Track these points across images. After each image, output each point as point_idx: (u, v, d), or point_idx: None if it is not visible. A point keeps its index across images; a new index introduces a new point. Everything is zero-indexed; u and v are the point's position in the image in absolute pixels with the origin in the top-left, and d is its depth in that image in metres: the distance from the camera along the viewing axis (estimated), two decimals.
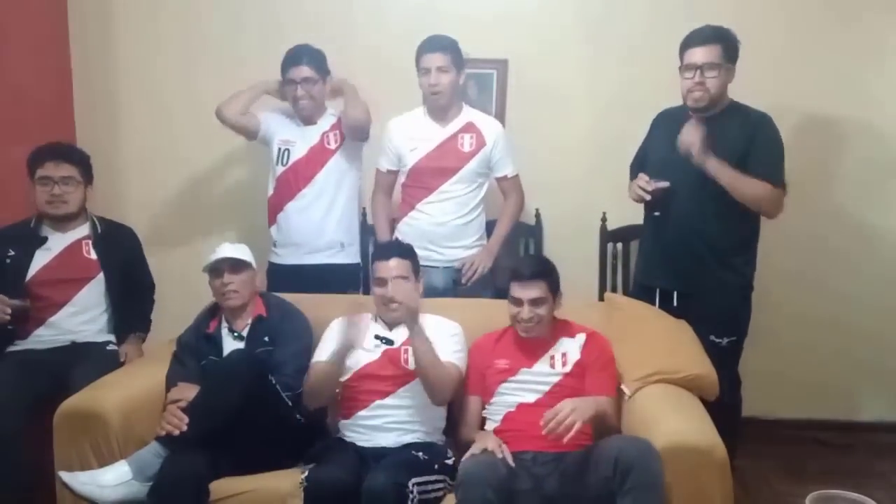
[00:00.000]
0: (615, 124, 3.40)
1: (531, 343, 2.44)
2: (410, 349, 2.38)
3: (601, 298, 3.06)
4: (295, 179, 3.00)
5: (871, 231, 3.43)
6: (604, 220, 3.41)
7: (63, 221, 2.76)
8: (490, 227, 3.07)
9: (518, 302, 2.40)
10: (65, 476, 2.18)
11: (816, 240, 3.40)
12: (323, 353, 2.42)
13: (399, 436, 2.37)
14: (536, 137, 3.35)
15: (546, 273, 2.44)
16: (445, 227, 2.94)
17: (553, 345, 2.44)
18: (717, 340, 2.68)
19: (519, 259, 2.53)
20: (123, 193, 3.54)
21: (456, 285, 2.96)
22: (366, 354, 2.44)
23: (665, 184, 2.63)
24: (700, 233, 2.66)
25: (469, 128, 2.95)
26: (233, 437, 2.24)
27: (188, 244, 3.51)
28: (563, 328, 2.49)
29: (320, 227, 3.01)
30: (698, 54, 2.60)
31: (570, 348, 2.45)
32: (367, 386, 2.42)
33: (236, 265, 2.53)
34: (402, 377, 2.42)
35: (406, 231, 2.97)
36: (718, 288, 2.70)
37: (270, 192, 3.07)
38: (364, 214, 3.30)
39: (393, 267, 2.46)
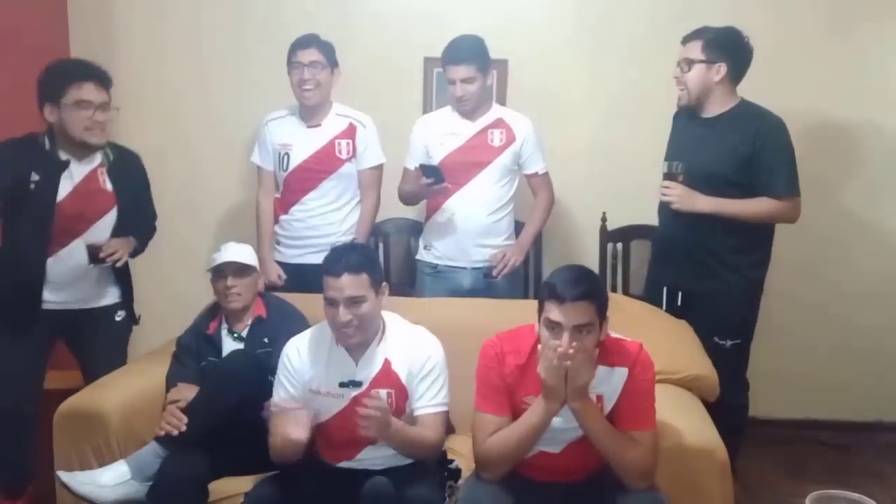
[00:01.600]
0: (615, 124, 3.41)
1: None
2: (384, 392, 2.12)
3: None
4: (300, 185, 2.95)
5: (872, 231, 3.43)
6: (604, 220, 3.41)
7: (86, 150, 2.54)
8: (518, 228, 3.05)
9: (555, 328, 1.87)
10: (63, 476, 2.17)
11: (817, 239, 3.39)
12: (280, 394, 2.19)
13: (395, 460, 2.18)
14: None
15: (595, 293, 1.90)
16: (475, 224, 2.91)
17: None
18: (721, 342, 2.66)
19: (558, 272, 1.96)
20: None
21: (486, 278, 2.93)
22: (331, 404, 2.14)
23: (679, 174, 2.60)
24: (705, 234, 2.64)
25: (499, 123, 2.92)
26: (232, 437, 2.24)
27: (188, 243, 3.51)
28: (601, 351, 1.96)
29: (325, 228, 2.97)
30: (681, 51, 2.64)
31: (608, 387, 1.97)
32: (341, 440, 2.15)
33: (241, 269, 2.52)
34: None
35: (435, 229, 2.97)
36: (723, 289, 2.67)
37: (277, 194, 3.04)
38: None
39: (345, 285, 2.07)
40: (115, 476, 2.17)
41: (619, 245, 3.44)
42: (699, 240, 2.66)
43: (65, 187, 2.51)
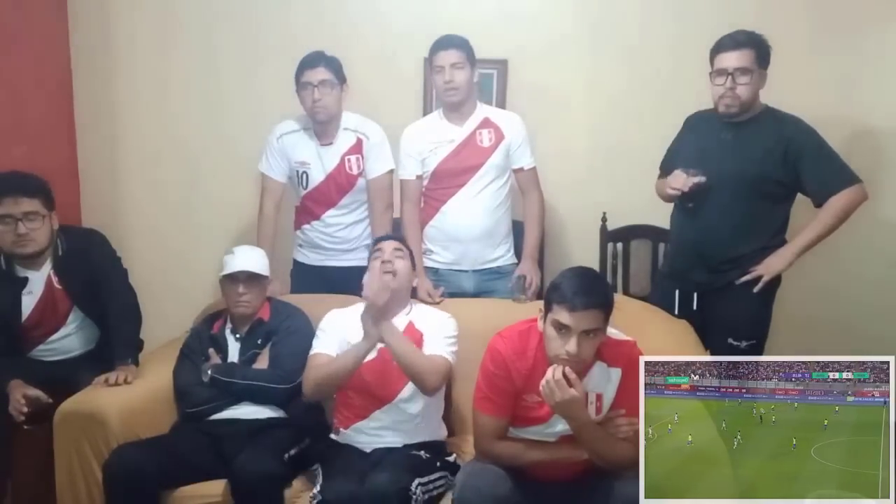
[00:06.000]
0: (615, 124, 3.40)
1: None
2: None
3: None
4: (319, 204, 2.95)
5: (874, 230, 3.41)
6: (604, 220, 3.41)
7: (34, 258, 2.52)
8: (515, 227, 3.02)
9: (564, 330, 1.93)
10: None
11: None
12: (324, 344, 2.37)
13: (402, 437, 2.33)
14: (536, 138, 3.35)
15: (605, 301, 1.97)
16: (474, 228, 2.88)
17: (588, 371, 2.04)
18: (736, 344, 2.63)
19: (569, 277, 1.99)
20: (123, 193, 3.55)
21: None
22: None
23: (700, 179, 2.59)
24: (722, 236, 2.64)
25: (486, 123, 2.91)
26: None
27: (188, 245, 3.52)
28: (599, 349, 2.03)
29: (347, 237, 2.98)
30: (730, 59, 2.56)
31: (607, 385, 2.05)
32: (365, 393, 2.33)
33: (254, 277, 2.51)
34: (403, 379, 2.31)
35: (433, 235, 2.94)
36: (739, 290, 2.65)
37: (297, 202, 3.04)
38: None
39: (388, 249, 2.44)
40: None
41: (619, 245, 3.44)
42: (716, 242, 2.65)
43: (28, 304, 2.52)
